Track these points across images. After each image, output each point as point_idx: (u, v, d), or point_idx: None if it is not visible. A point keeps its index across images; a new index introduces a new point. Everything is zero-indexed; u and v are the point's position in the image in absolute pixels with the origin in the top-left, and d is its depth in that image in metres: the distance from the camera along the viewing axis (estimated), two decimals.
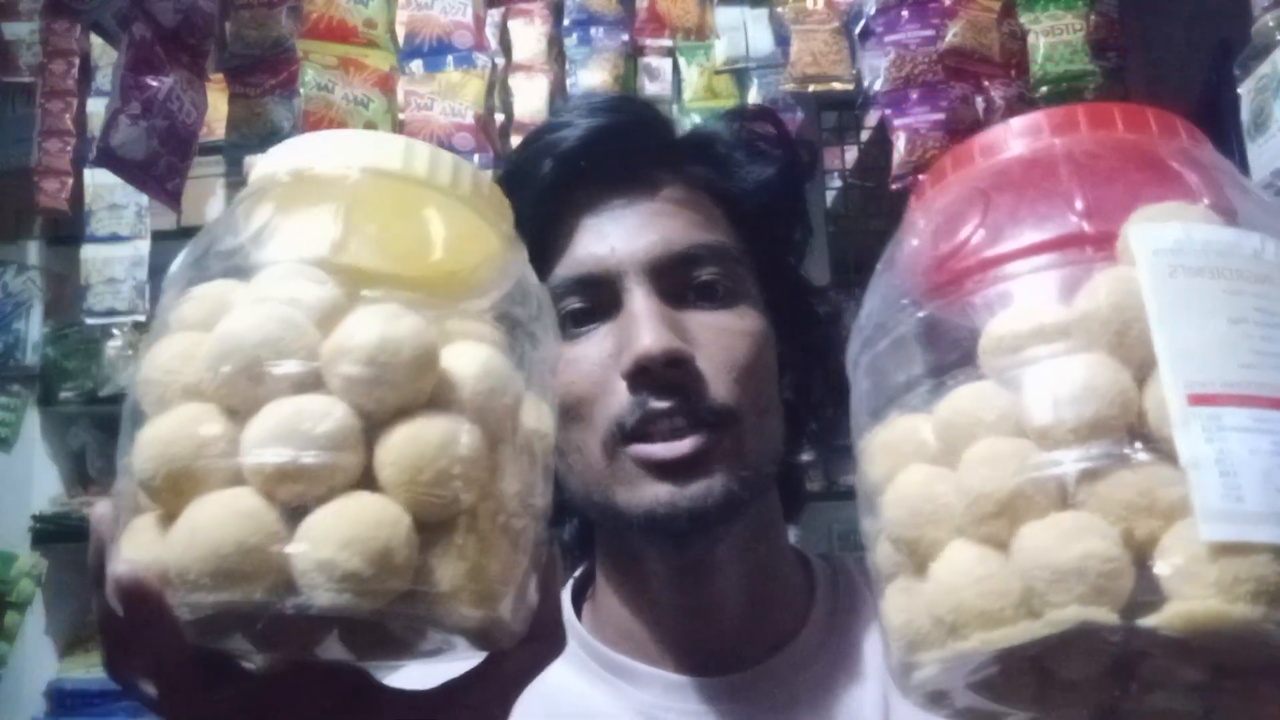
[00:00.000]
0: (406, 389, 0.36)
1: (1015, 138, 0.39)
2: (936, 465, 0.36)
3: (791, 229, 0.72)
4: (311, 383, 0.36)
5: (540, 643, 0.41)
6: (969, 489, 0.34)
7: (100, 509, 0.40)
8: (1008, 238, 0.37)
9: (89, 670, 2.36)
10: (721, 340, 0.62)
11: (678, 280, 0.63)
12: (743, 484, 0.61)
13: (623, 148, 0.66)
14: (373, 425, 0.36)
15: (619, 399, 0.61)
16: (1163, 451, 0.32)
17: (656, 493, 0.60)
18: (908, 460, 0.37)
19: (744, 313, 0.64)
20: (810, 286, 0.73)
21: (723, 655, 0.66)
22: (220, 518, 0.33)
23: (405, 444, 0.35)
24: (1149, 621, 0.31)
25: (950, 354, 0.37)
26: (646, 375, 0.60)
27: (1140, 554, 0.31)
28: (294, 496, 0.34)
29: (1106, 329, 0.33)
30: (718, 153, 0.69)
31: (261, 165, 0.42)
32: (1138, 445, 0.32)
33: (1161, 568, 0.31)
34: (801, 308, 0.71)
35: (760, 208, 0.68)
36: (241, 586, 0.33)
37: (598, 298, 0.64)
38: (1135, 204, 0.36)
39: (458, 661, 0.42)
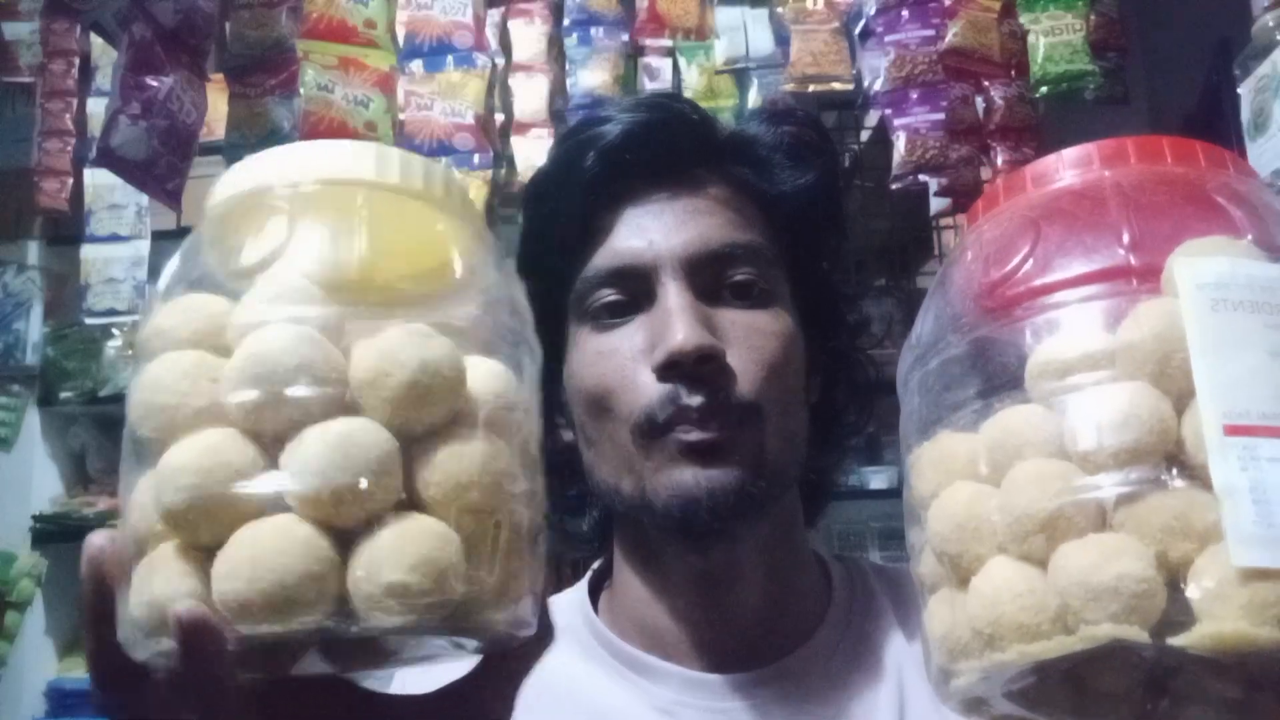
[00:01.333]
0: (443, 409, 0.37)
1: (1066, 168, 0.41)
2: (982, 483, 0.38)
3: (827, 235, 0.73)
4: (342, 405, 0.36)
5: (536, 637, 0.41)
6: (1012, 508, 0.35)
7: (98, 541, 0.38)
8: (1057, 267, 0.38)
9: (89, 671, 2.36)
10: (752, 339, 0.63)
11: (713, 277, 0.64)
12: (763, 480, 0.61)
13: (665, 143, 0.67)
14: (406, 445, 0.36)
15: (650, 391, 0.61)
16: (1199, 478, 0.33)
17: (682, 477, 0.60)
18: (954, 477, 0.39)
19: (777, 314, 0.65)
20: (842, 293, 0.74)
21: (740, 652, 0.66)
22: (279, 547, 0.33)
23: (449, 463, 0.36)
24: (1179, 641, 0.32)
25: (999, 377, 0.39)
26: (677, 369, 0.60)
27: (1173, 576, 0.33)
28: (346, 521, 0.34)
29: (1149, 359, 0.35)
30: (759, 155, 0.69)
31: (235, 181, 0.41)
32: (1175, 472, 0.33)
33: (1193, 590, 0.32)
34: (832, 313, 0.72)
35: (798, 212, 0.69)
36: (303, 615, 0.33)
37: (632, 290, 0.64)
38: (1180, 237, 0.37)
39: (439, 665, 0.42)
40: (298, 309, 0.37)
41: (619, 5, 2.15)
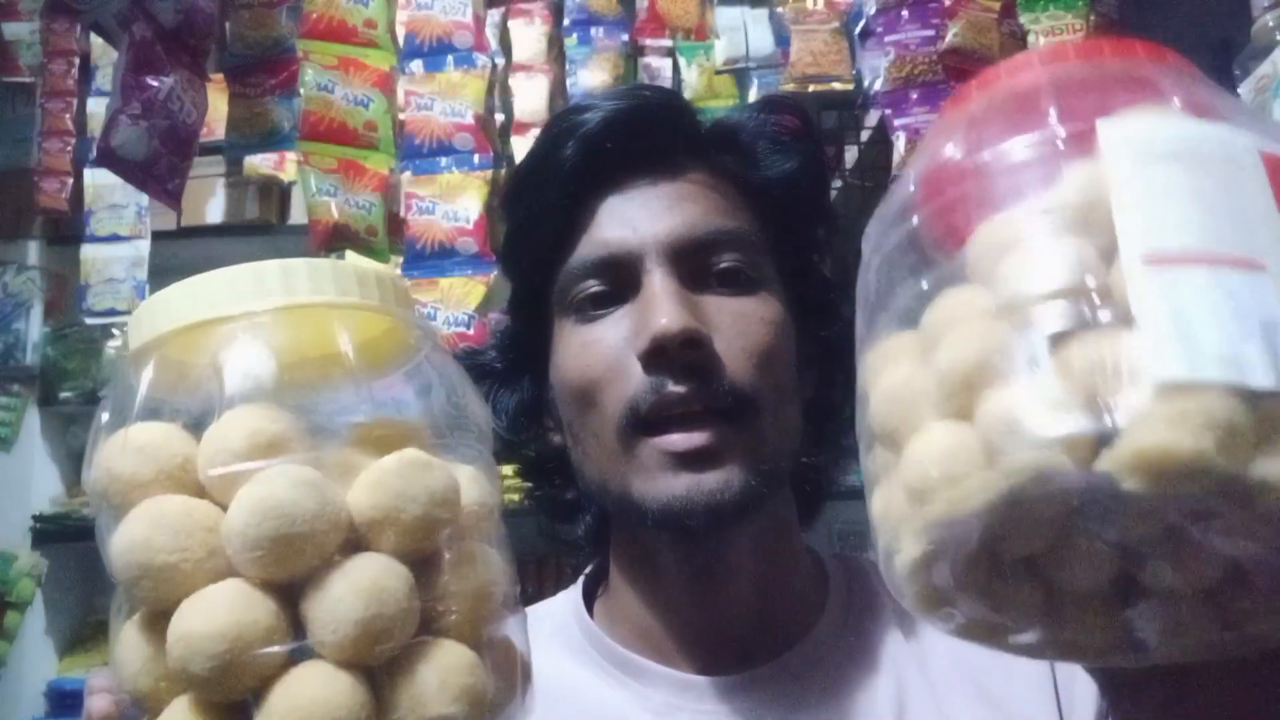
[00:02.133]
0: (446, 533, 0.38)
1: (1008, 71, 0.40)
2: (920, 364, 0.37)
3: (813, 222, 0.72)
4: (351, 544, 0.36)
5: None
6: (939, 368, 0.35)
7: (102, 705, 0.39)
8: (986, 146, 0.37)
9: (89, 670, 2.36)
10: (740, 325, 0.62)
11: (699, 264, 0.63)
12: (759, 477, 0.60)
13: (646, 131, 0.66)
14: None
15: (634, 381, 0.60)
16: (1127, 319, 0.32)
17: (674, 485, 0.59)
18: (895, 364, 0.38)
19: (765, 300, 0.64)
20: (830, 282, 0.72)
21: (735, 653, 0.65)
22: (325, 698, 0.34)
23: (468, 581, 0.38)
24: (1103, 464, 0.31)
25: (941, 266, 0.38)
26: (663, 355, 0.59)
27: (1102, 412, 0.31)
28: (378, 660, 0.35)
29: (1075, 213, 0.34)
30: (741, 142, 0.68)
31: (177, 310, 0.39)
32: (1103, 313, 0.32)
33: (1119, 417, 0.31)
34: (821, 303, 0.70)
35: (783, 199, 0.68)
36: None
37: (617, 280, 0.63)
38: (1110, 110, 0.36)
39: None
40: (277, 449, 0.36)
41: (619, 5, 2.15)
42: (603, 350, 0.62)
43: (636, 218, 0.64)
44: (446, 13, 1.91)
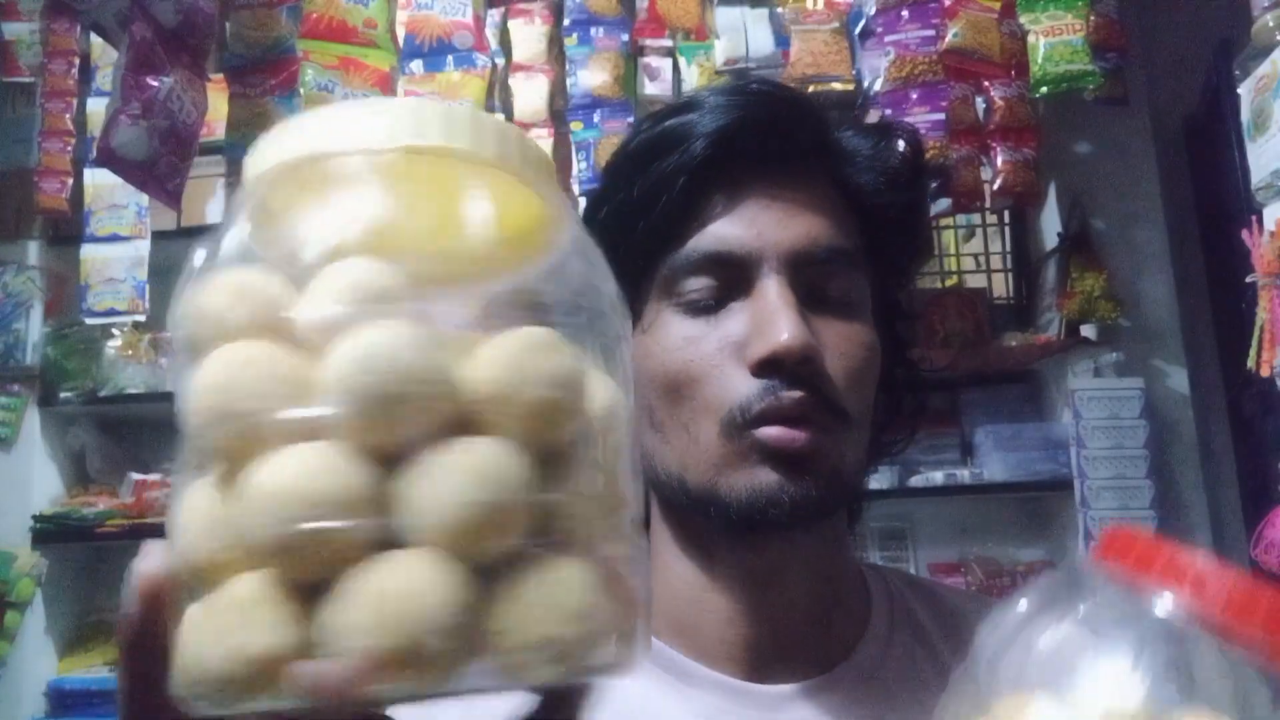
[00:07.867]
0: (570, 431, 0.33)
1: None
2: None
3: (915, 257, 0.72)
4: (458, 422, 0.31)
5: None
6: None
7: (152, 567, 0.32)
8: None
9: (89, 670, 2.36)
10: (844, 348, 0.62)
11: (812, 279, 0.63)
12: (840, 489, 0.61)
13: (783, 134, 0.65)
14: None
15: (742, 385, 0.60)
16: None
17: (767, 479, 0.59)
18: None
19: (865, 326, 0.64)
20: (905, 316, 0.73)
21: (784, 661, 0.64)
22: (415, 590, 0.29)
23: (594, 489, 0.33)
24: None
25: None
26: (777, 367, 0.59)
27: None
28: (482, 554, 0.30)
29: None
30: (866, 164, 0.68)
31: (291, 143, 0.34)
32: None
33: None
34: (899, 335, 0.71)
35: (892, 229, 0.68)
36: (441, 672, 0.29)
37: (729, 278, 0.63)
38: None
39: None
40: (389, 304, 0.31)
41: (619, 5, 2.15)
42: (707, 349, 0.62)
43: (760, 220, 0.63)
44: (446, 13, 1.92)
